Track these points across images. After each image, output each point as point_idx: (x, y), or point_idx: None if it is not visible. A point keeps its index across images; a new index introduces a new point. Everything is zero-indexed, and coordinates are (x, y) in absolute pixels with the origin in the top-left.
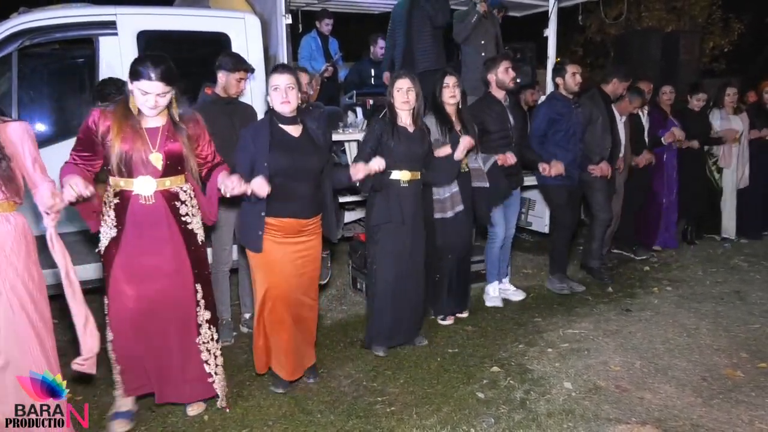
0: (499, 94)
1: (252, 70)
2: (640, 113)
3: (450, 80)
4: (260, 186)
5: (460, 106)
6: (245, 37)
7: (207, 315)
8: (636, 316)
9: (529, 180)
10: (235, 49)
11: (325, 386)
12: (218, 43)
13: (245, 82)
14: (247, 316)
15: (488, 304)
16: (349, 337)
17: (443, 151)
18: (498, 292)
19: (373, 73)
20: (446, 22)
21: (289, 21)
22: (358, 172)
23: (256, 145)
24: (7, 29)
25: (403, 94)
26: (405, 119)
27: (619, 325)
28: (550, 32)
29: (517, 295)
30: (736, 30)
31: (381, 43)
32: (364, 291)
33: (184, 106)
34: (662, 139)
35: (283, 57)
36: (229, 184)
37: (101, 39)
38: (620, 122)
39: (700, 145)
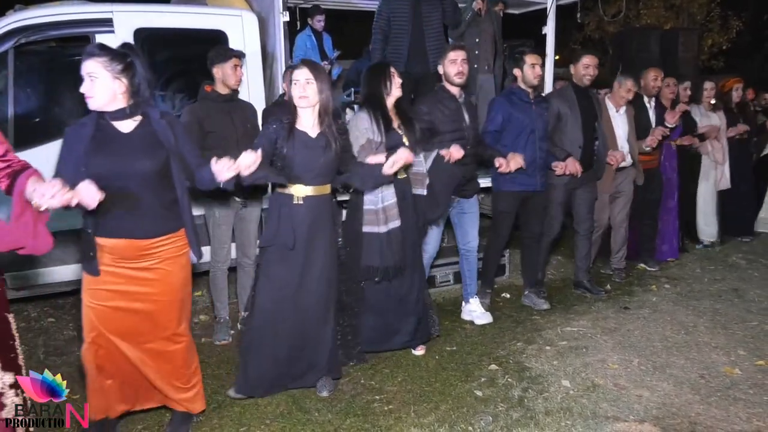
0: (454, 89)
1: (243, 55)
2: (647, 105)
3: (394, 70)
4: (89, 193)
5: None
6: (242, 34)
7: (8, 379)
8: (634, 314)
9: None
10: (232, 46)
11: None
12: (215, 40)
13: (241, 69)
14: (244, 314)
15: None
16: None
17: (376, 158)
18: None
19: None
20: (458, 19)
21: (287, 18)
22: (221, 169)
23: (76, 145)
24: (2, 27)
25: (301, 88)
26: (306, 121)
27: (618, 323)
28: (549, 30)
29: (483, 319)
30: (735, 28)
31: None
32: None
33: None
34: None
35: (281, 54)
36: (44, 192)
37: (98, 37)
38: (617, 116)
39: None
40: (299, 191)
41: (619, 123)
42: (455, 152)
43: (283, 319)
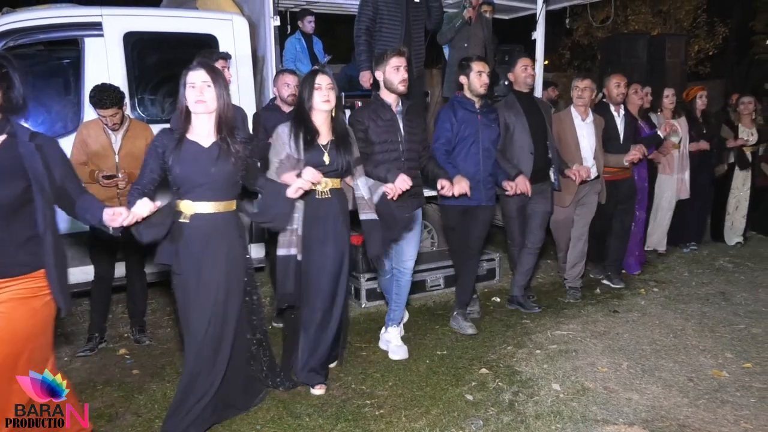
0: (390, 98)
1: (228, 57)
2: (614, 113)
3: (323, 80)
4: None
5: (333, 114)
6: (233, 38)
7: None
8: (623, 317)
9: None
10: (222, 50)
11: None
12: (206, 44)
13: (228, 71)
14: None
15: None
16: None
17: (289, 176)
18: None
19: None
20: (441, 26)
21: (277, 23)
22: (114, 218)
23: None
24: None
25: (198, 91)
26: (200, 129)
27: (607, 327)
28: (538, 35)
29: (398, 353)
30: (721, 34)
31: None
32: (353, 293)
33: None
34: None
35: (272, 58)
36: None
37: (87, 40)
38: (583, 125)
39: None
40: (187, 208)
41: (585, 133)
42: (400, 184)
43: (198, 345)
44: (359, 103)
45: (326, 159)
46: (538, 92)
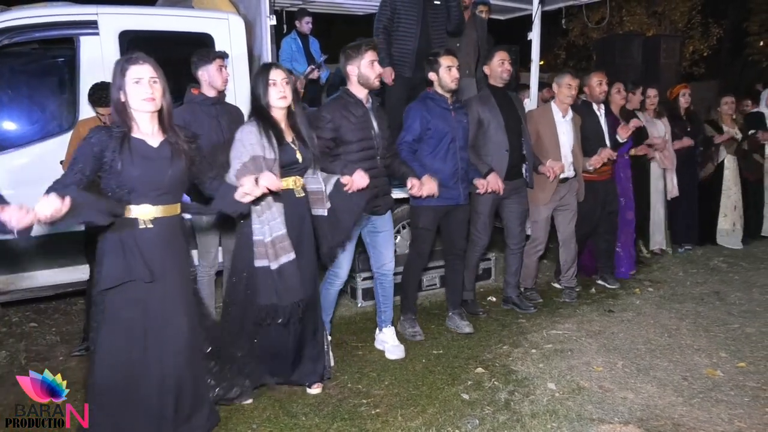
0: (361, 93)
1: (226, 56)
2: (597, 112)
3: (277, 75)
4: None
5: (292, 109)
6: (229, 37)
7: None
8: (618, 316)
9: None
10: (218, 49)
11: None
12: (202, 43)
13: (225, 69)
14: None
15: None
16: (333, 339)
17: (247, 180)
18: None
19: None
20: (461, 29)
21: (274, 22)
22: (11, 219)
23: None
24: None
25: (146, 87)
26: (144, 127)
27: (602, 326)
28: (534, 36)
29: (395, 353)
30: (715, 35)
31: None
32: (349, 292)
33: None
34: (617, 136)
35: (268, 58)
36: None
37: (82, 39)
38: (563, 122)
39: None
40: (145, 213)
41: (565, 130)
42: (358, 180)
43: (148, 373)
44: None
45: (299, 157)
46: (534, 92)
